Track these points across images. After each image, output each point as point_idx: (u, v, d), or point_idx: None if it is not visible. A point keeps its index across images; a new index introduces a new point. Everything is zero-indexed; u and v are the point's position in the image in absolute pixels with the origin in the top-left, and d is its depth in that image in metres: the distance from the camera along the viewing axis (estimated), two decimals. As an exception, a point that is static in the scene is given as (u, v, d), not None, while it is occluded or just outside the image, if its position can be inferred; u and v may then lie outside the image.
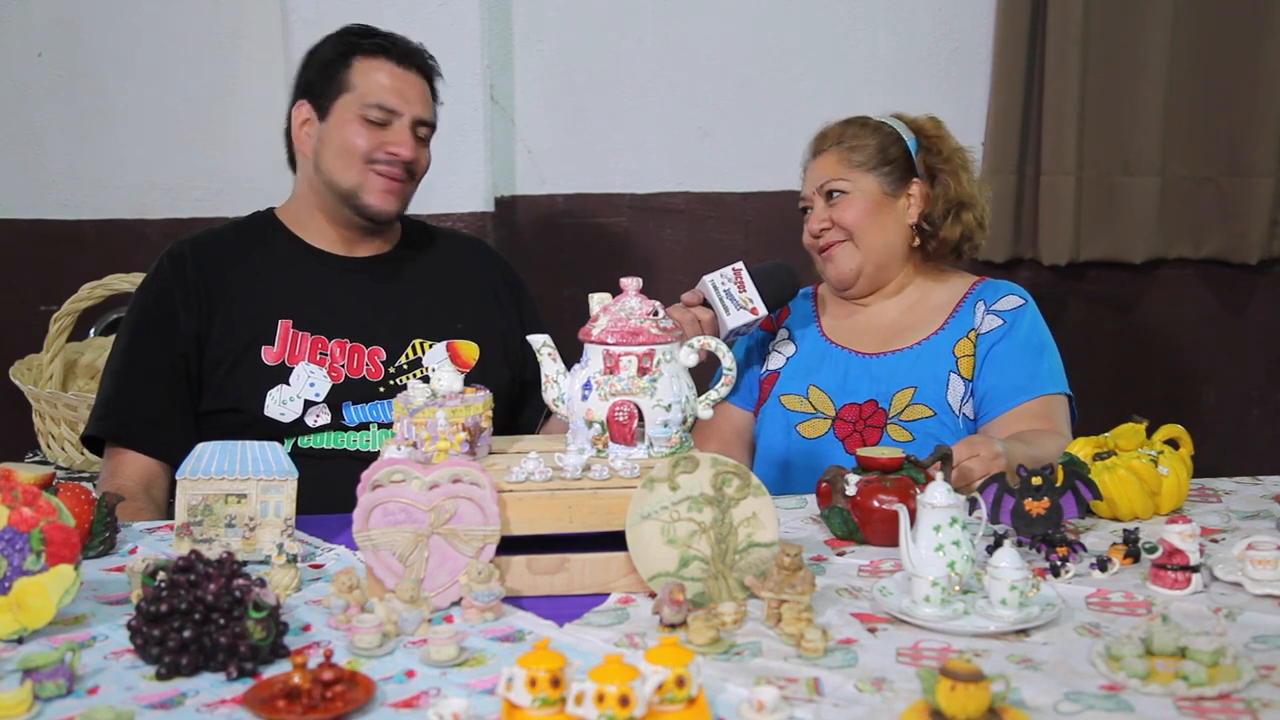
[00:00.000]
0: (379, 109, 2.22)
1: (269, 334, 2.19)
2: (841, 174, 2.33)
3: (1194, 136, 3.32)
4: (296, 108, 2.29)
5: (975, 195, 2.37)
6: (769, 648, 1.44)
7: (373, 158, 2.22)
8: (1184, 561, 1.59)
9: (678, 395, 1.68)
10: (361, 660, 1.41)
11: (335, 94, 2.24)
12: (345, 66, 2.24)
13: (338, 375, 2.20)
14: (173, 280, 2.22)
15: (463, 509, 1.57)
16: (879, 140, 2.35)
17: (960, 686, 1.20)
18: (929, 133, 2.39)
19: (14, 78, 3.29)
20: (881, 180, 2.33)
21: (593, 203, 3.38)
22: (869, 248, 2.33)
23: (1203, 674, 1.30)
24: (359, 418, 2.20)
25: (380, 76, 2.24)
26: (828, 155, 2.37)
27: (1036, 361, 2.26)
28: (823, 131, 2.42)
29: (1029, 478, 1.72)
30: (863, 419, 2.27)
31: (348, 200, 2.25)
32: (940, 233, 2.34)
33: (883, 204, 2.33)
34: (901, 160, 2.34)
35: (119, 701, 1.31)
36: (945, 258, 2.41)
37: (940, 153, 2.36)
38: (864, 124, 2.38)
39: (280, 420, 2.16)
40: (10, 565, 1.48)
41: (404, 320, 2.28)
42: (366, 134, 2.22)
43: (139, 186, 3.33)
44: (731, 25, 3.34)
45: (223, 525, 1.73)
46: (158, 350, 2.19)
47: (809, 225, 2.38)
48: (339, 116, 2.23)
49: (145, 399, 2.18)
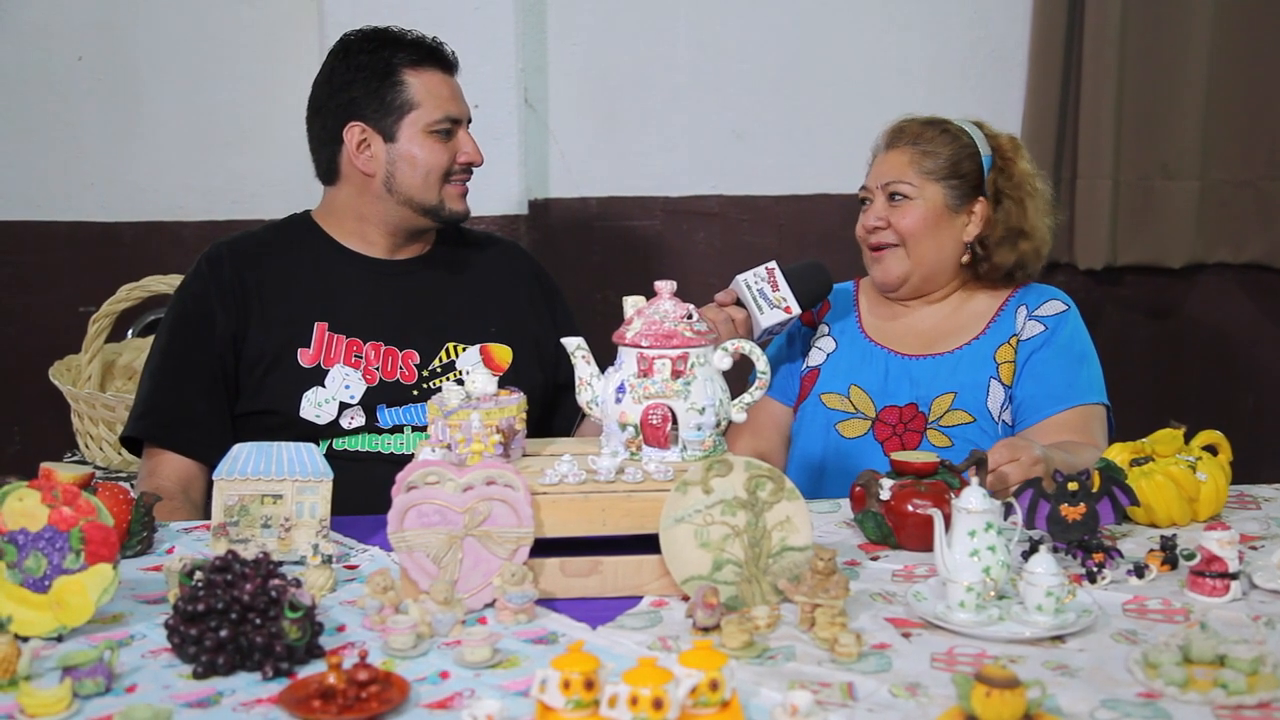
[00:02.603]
0: (448, 121, 2.25)
1: (305, 336, 2.21)
2: (909, 177, 2.28)
3: (1234, 139, 3.29)
4: (349, 129, 2.25)
5: (1038, 225, 2.32)
6: (803, 652, 1.44)
7: (450, 170, 2.26)
8: (1222, 569, 1.58)
9: (711, 398, 1.68)
10: (396, 661, 1.42)
11: (398, 114, 2.23)
12: (397, 84, 2.23)
13: (372, 378, 2.21)
14: (210, 282, 2.24)
15: (497, 511, 1.58)
16: (954, 150, 2.29)
17: (996, 693, 1.19)
18: (1005, 153, 2.34)
19: (53, 81, 3.32)
20: (948, 192, 2.28)
21: (626, 206, 3.39)
22: (920, 258, 2.30)
23: (1242, 682, 1.29)
24: (393, 420, 2.21)
25: (437, 88, 2.25)
26: (900, 152, 2.31)
27: (1076, 370, 2.24)
28: (901, 125, 2.35)
29: (1065, 483, 1.71)
30: (903, 422, 2.25)
31: (430, 213, 2.27)
32: (994, 258, 2.31)
33: (943, 217, 2.29)
34: (972, 176, 2.30)
35: (157, 700, 1.32)
36: (996, 281, 2.36)
37: (1011, 176, 2.32)
38: (944, 129, 2.32)
39: (315, 422, 2.17)
40: (50, 564, 1.49)
41: (438, 323, 2.29)
42: (441, 149, 2.25)
43: (176, 189, 3.36)
44: (765, 28, 3.34)
45: (259, 526, 1.75)
46: (195, 352, 2.21)
47: (865, 219, 2.33)
48: (409, 137, 2.23)
49: (183, 400, 2.20)
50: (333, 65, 2.30)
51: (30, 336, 3.33)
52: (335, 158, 2.28)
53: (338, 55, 2.30)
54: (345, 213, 2.32)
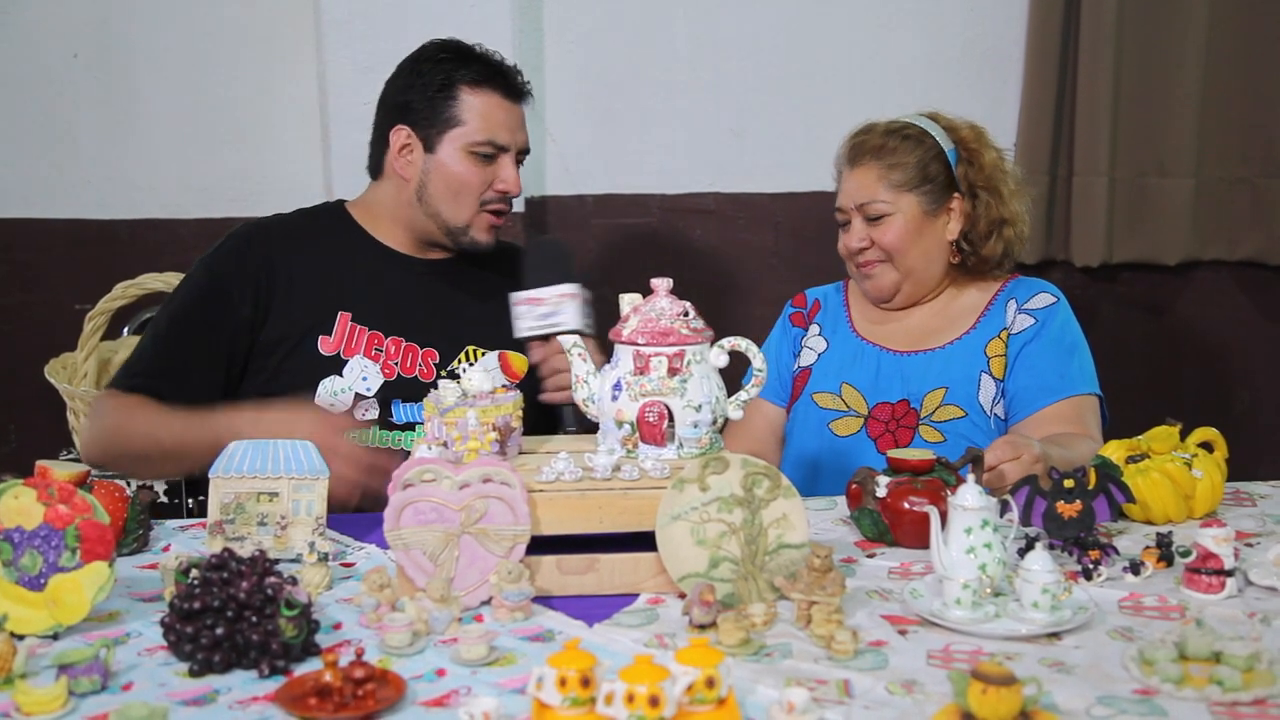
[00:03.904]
0: (491, 145, 2.25)
1: (328, 324, 2.22)
2: (880, 195, 2.27)
3: (1229, 137, 3.29)
4: (395, 131, 2.27)
5: (1017, 210, 2.33)
6: (799, 649, 1.44)
7: (485, 198, 2.26)
8: (1218, 565, 1.58)
9: (708, 396, 1.68)
10: (392, 659, 1.42)
11: (443, 127, 2.24)
12: (451, 97, 2.24)
13: (390, 372, 2.23)
14: (235, 263, 2.24)
15: (493, 509, 1.58)
16: (919, 155, 2.28)
17: (992, 690, 1.19)
18: (969, 144, 2.34)
19: (49, 78, 3.32)
20: (922, 199, 2.28)
21: (623, 203, 3.38)
22: (909, 268, 2.30)
23: (1237, 679, 1.29)
24: (406, 417, 2.22)
25: (492, 111, 2.25)
26: (866, 169, 2.30)
27: (1067, 361, 2.24)
28: (860, 139, 2.34)
29: (1061, 480, 1.71)
30: (895, 419, 2.26)
31: (451, 234, 2.28)
32: (981, 251, 2.32)
33: (924, 224, 2.29)
34: (942, 176, 2.30)
35: (153, 698, 1.33)
36: (985, 272, 2.36)
37: (982, 168, 2.32)
38: (905, 136, 2.30)
39: (330, 410, 2.19)
40: (46, 562, 1.49)
41: (460, 326, 2.30)
42: (478, 171, 2.25)
43: (173, 187, 3.36)
44: (762, 26, 3.34)
45: (255, 523, 1.75)
46: (202, 327, 2.21)
47: (847, 240, 2.33)
48: (448, 152, 2.25)
49: (177, 365, 2.19)
50: (402, 67, 2.33)
51: (26, 334, 3.33)
52: (382, 155, 2.32)
53: (410, 59, 2.33)
54: (381, 209, 2.34)
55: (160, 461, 2.17)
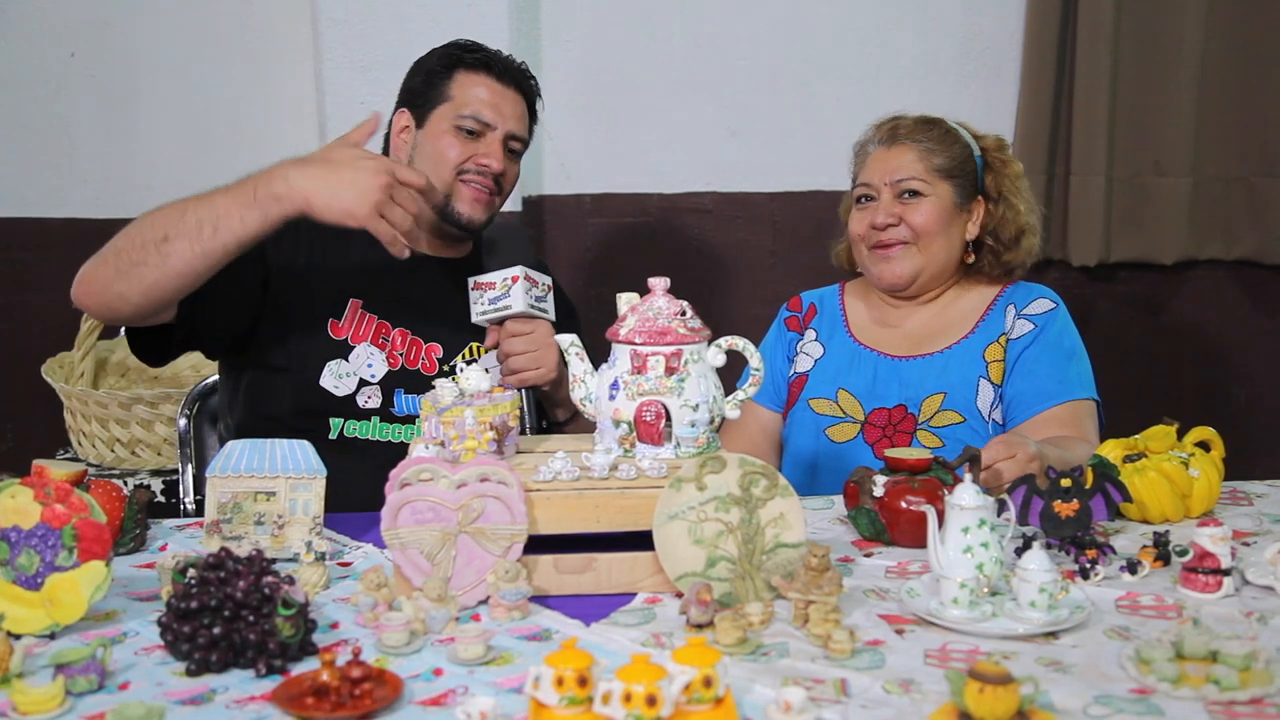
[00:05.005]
0: (474, 120, 2.26)
1: (339, 309, 2.25)
2: (920, 173, 2.27)
3: (1226, 136, 3.30)
4: (397, 115, 2.34)
5: (1034, 223, 2.34)
6: (796, 648, 1.44)
7: (463, 169, 2.27)
8: (1215, 565, 1.58)
9: (705, 395, 1.68)
10: (389, 658, 1.42)
11: (434, 104, 2.29)
12: (447, 79, 2.29)
13: (395, 362, 2.25)
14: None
15: (490, 508, 1.58)
16: (958, 149, 2.30)
17: (989, 689, 1.19)
18: (994, 152, 2.35)
19: (47, 77, 3.32)
20: (955, 190, 2.29)
21: (620, 202, 3.39)
22: (932, 255, 2.29)
23: (1234, 678, 1.29)
24: (408, 408, 2.24)
25: (478, 90, 2.28)
26: (904, 149, 2.29)
27: (1066, 366, 2.24)
28: (896, 122, 2.34)
29: (1058, 479, 1.71)
30: (892, 424, 2.25)
31: (437, 207, 2.28)
32: (1004, 256, 2.32)
33: (953, 215, 2.29)
34: (972, 176, 2.31)
35: (150, 697, 1.32)
36: (997, 278, 2.36)
37: (1007, 177, 2.33)
38: (944, 129, 2.32)
39: (333, 393, 2.20)
40: (43, 561, 1.49)
41: (464, 324, 2.30)
42: (459, 145, 2.26)
43: (170, 185, 3.32)
44: (760, 26, 3.34)
45: (252, 523, 1.75)
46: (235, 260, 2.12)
47: (872, 216, 2.29)
48: (435, 126, 2.28)
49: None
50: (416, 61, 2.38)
51: (23, 333, 3.33)
52: (388, 139, 2.37)
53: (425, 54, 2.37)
54: None
55: (176, 239, 2.10)
